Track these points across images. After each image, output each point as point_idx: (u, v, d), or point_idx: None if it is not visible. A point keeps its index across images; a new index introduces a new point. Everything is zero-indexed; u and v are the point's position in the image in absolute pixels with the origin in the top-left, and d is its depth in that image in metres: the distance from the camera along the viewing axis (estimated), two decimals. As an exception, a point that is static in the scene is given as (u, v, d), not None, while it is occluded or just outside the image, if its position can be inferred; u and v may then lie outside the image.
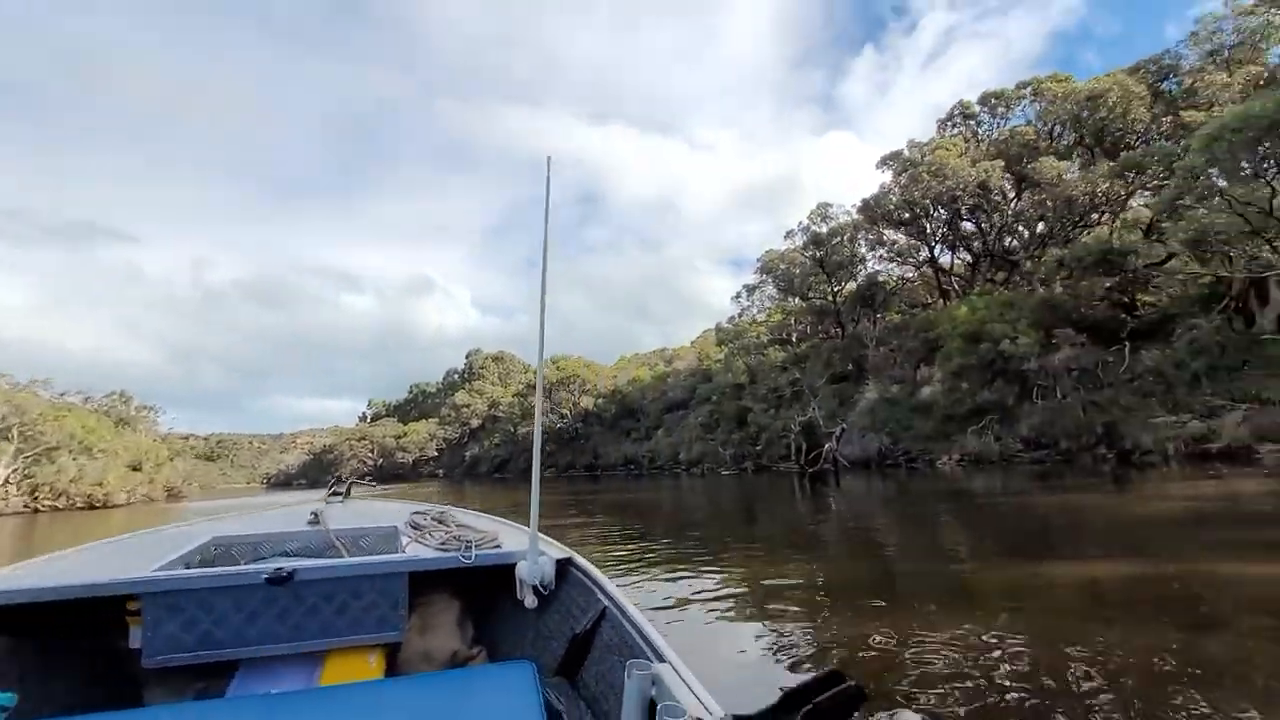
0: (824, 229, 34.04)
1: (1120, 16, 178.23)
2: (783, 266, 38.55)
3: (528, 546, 2.09)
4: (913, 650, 3.63)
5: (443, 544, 2.33)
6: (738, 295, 50.60)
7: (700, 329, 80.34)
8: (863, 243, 35.20)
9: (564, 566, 2.17)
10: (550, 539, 2.43)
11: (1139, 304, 21.58)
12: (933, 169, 26.74)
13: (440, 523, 2.75)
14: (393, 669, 2.07)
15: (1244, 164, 15.22)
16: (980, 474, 20.01)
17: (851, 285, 37.66)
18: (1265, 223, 16.52)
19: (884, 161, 33.03)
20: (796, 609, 4.80)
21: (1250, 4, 22.92)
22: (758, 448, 35.54)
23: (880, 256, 35.76)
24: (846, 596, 5.31)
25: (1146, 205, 25.54)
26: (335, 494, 3.97)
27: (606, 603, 1.85)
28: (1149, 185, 24.34)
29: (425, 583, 2.22)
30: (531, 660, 1.94)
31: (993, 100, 31.62)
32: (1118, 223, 23.61)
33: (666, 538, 10.33)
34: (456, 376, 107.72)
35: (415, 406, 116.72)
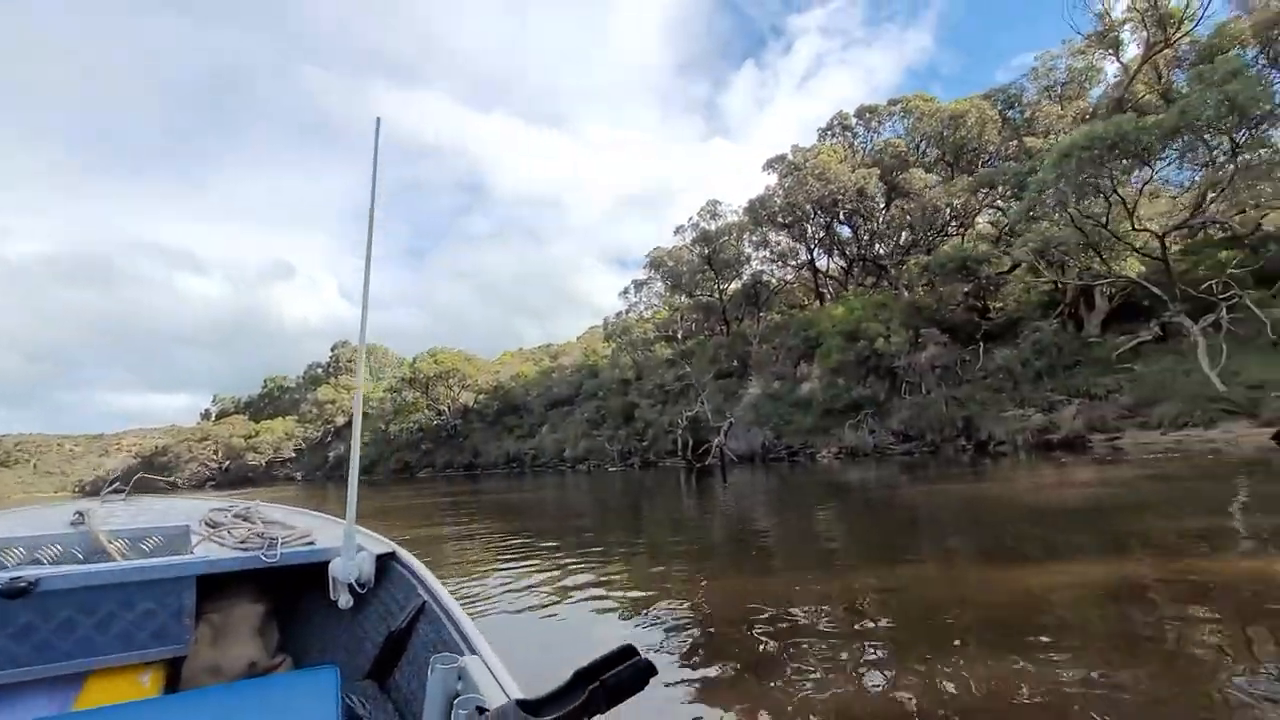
0: (713, 226, 34.45)
1: (962, 59, 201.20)
2: (670, 263, 38.66)
3: (343, 542, 1.93)
4: (782, 624, 4.09)
5: (243, 542, 2.14)
6: (625, 291, 50.18)
7: (585, 327, 79.64)
8: (748, 243, 36.06)
9: (385, 562, 2.03)
10: (372, 533, 2.25)
11: (990, 308, 23.63)
12: (816, 172, 27.81)
13: (244, 519, 2.48)
14: (174, 686, 1.85)
15: (1088, 179, 16.90)
16: (856, 466, 20.87)
17: (737, 284, 38.59)
18: (1099, 236, 18.57)
19: (770, 164, 34.01)
20: (670, 600, 4.94)
21: (1081, 44, 25.96)
22: (644, 443, 35.31)
23: (764, 257, 36.84)
24: (722, 583, 5.58)
25: (992, 222, 28.36)
26: (116, 491, 3.39)
27: (426, 598, 1.76)
28: (998, 201, 26.83)
29: (219, 586, 2.02)
30: (341, 664, 1.82)
31: (867, 114, 33.61)
32: (972, 233, 25.80)
33: (550, 537, 9.52)
34: (320, 370, 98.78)
35: (270, 403, 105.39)
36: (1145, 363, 18.94)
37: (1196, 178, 20.88)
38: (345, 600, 1.91)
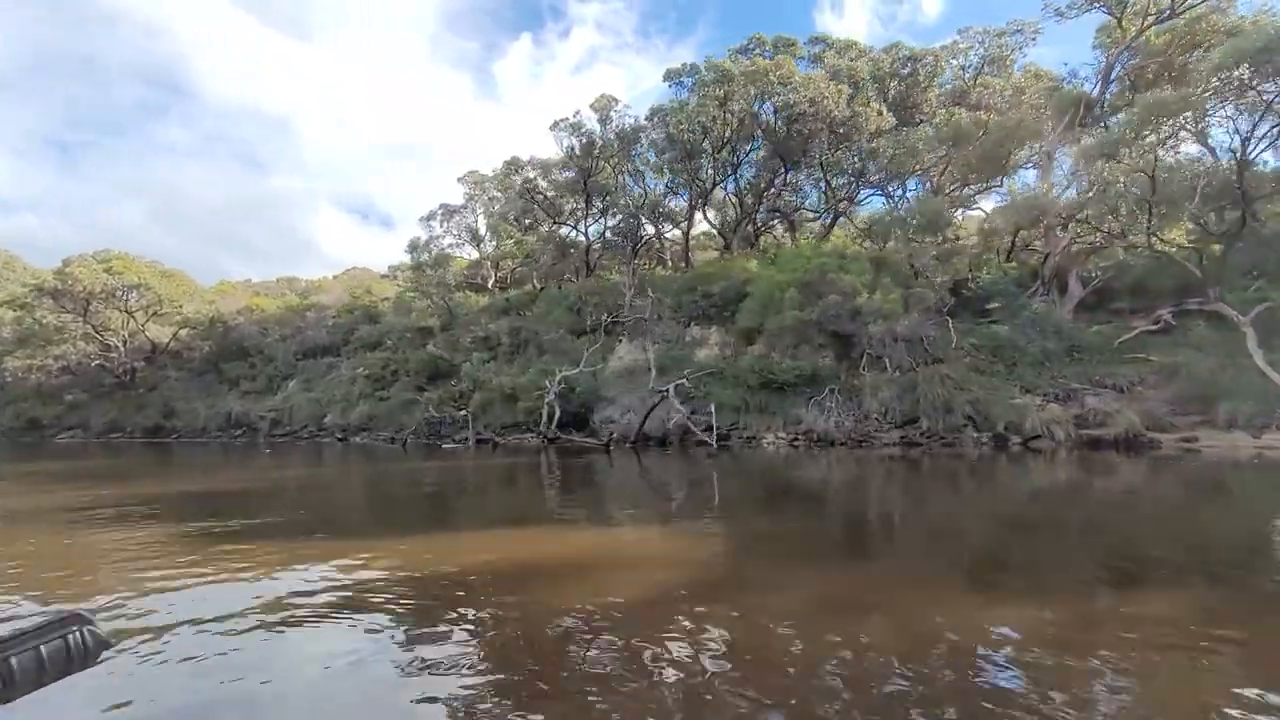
0: (602, 131, 25.78)
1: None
2: (520, 179, 28.98)
3: None
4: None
5: None
6: (430, 216, 38.80)
7: (319, 276, 62.97)
8: (628, 173, 28.41)
9: None
10: None
11: (968, 278, 19.84)
12: (776, 73, 21.27)
13: None
14: None
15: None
16: (838, 458, 14.94)
17: (599, 222, 30.59)
18: (1172, 193, 15.26)
19: (673, 76, 26.81)
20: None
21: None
22: (465, 411, 25.28)
23: (638, 196, 29.42)
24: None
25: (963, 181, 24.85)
26: None
27: None
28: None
29: None
30: None
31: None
32: (935, 191, 22.13)
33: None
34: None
35: None
36: (1159, 353, 16.39)
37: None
38: None
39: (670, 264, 34.25)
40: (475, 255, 40.19)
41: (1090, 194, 16.47)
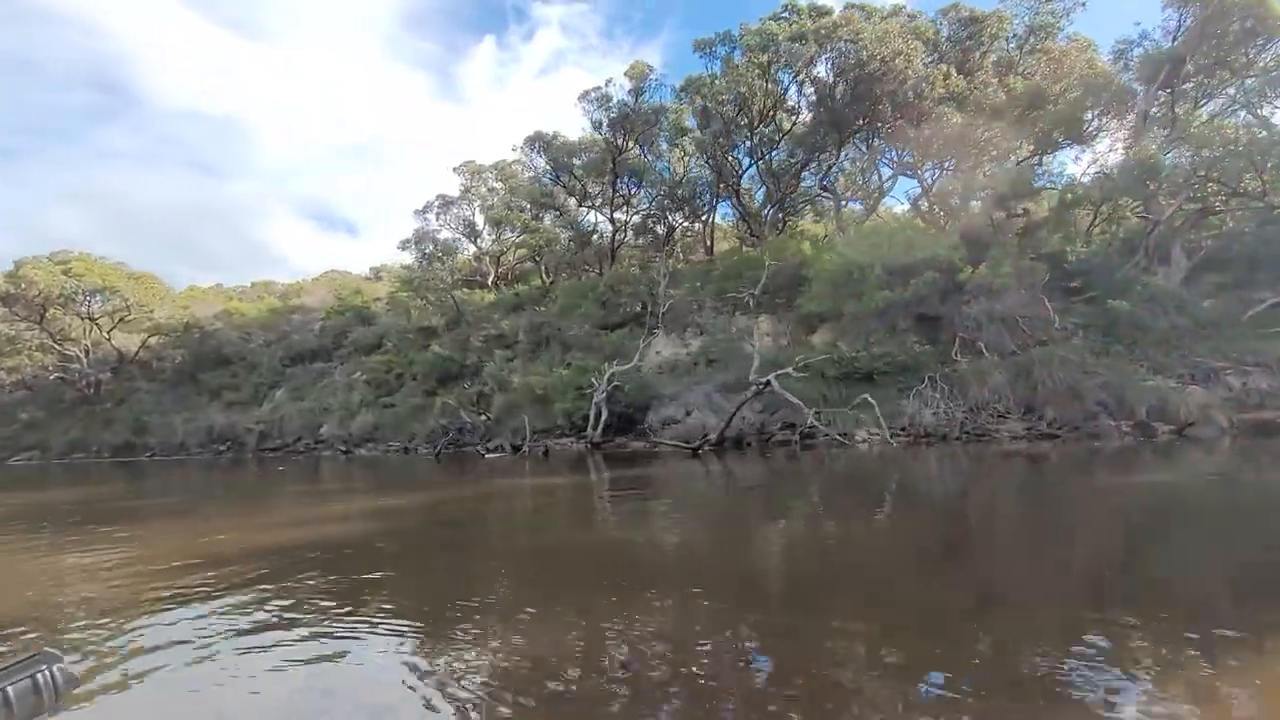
0: (635, 104, 23.32)
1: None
2: (542, 162, 26.43)
3: None
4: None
5: None
6: (426, 208, 36.06)
7: (280, 286, 59.04)
8: (658, 153, 26.08)
9: None
10: None
11: (1068, 248, 17.93)
12: (847, 27, 18.97)
13: None
14: None
15: None
16: (933, 453, 12.84)
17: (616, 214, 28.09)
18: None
19: (703, 46, 24.57)
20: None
21: None
22: (487, 417, 22.66)
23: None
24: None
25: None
26: None
27: None
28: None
29: None
30: None
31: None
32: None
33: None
34: None
35: None
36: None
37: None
38: None
39: (683, 254, 32.05)
40: (473, 250, 37.41)
41: (1226, 149, 14.70)
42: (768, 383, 14.98)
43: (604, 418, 18.69)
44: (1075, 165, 28.70)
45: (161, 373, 34.97)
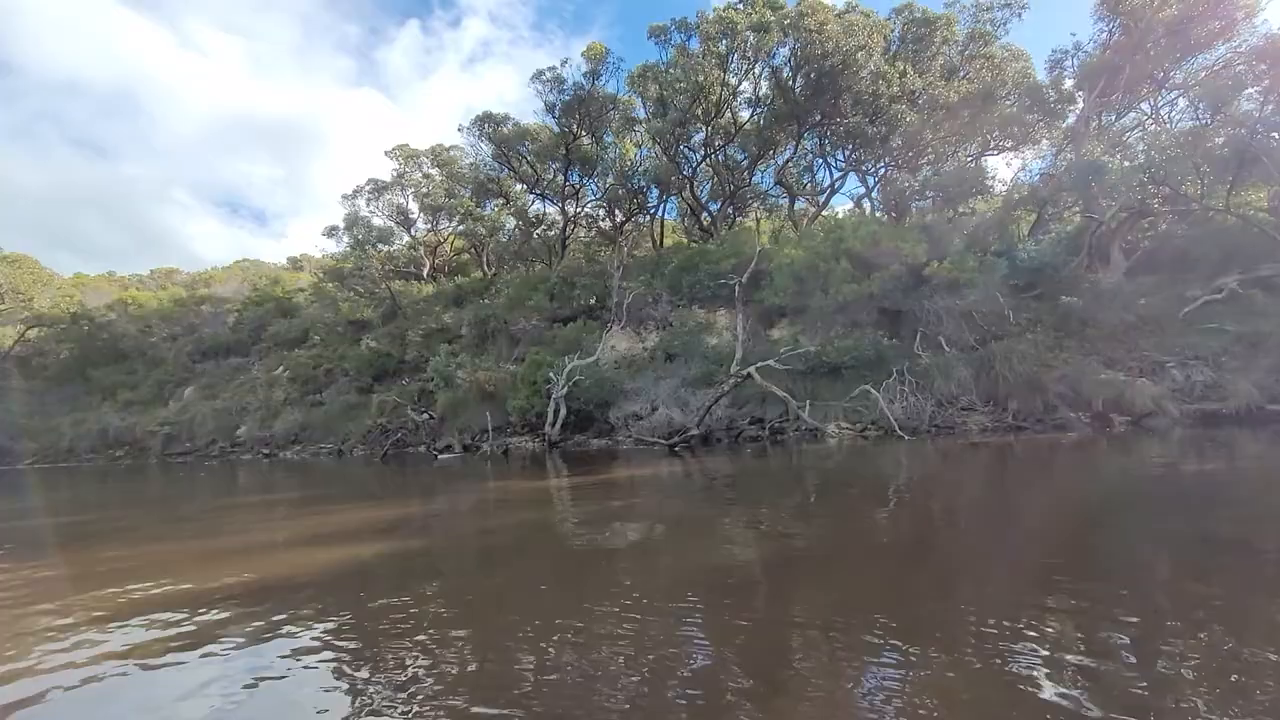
0: (591, 88, 22.27)
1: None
2: (487, 146, 24.95)
3: None
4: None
5: None
6: (353, 194, 33.91)
7: (185, 276, 54.21)
8: (613, 140, 25.19)
9: None
10: None
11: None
12: (812, 18, 18.71)
13: None
14: None
15: None
16: (902, 446, 12.80)
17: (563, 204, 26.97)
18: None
19: (658, 33, 23.87)
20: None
21: None
22: (431, 415, 21.15)
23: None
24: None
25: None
26: None
27: None
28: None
29: None
30: None
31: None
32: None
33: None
34: None
35: None
36: (1233, 323, 15.52)
37: None
38: None
39: (629, 250, 31.36)
40: (406, 239, 35.26)
41: (1168, 154, 15.42)
42: (749, 374, 14.42)
43: (563, 415, 17.67)
44: (1007, 169, 29.94)
45: (44, 369, 30.90)
